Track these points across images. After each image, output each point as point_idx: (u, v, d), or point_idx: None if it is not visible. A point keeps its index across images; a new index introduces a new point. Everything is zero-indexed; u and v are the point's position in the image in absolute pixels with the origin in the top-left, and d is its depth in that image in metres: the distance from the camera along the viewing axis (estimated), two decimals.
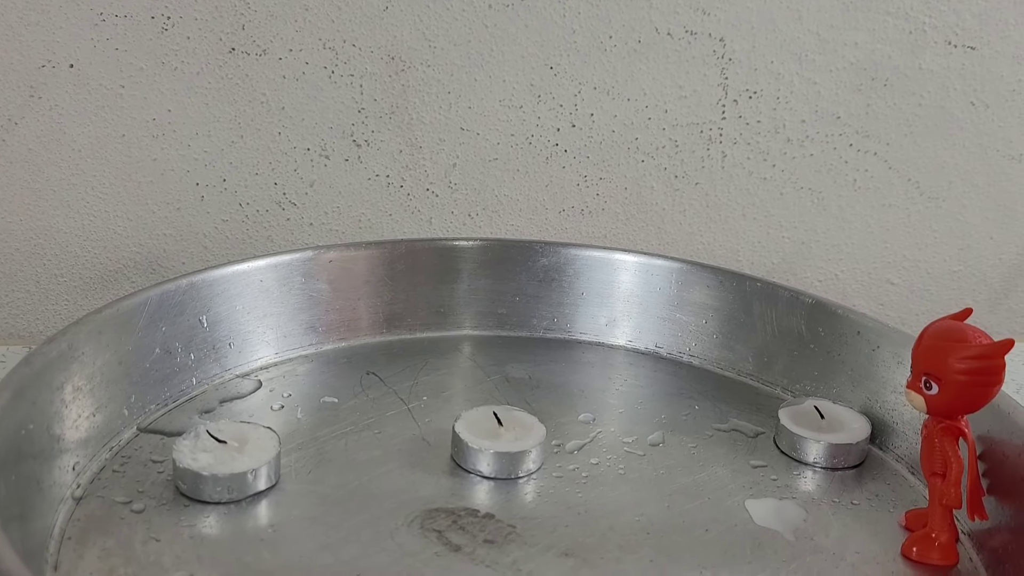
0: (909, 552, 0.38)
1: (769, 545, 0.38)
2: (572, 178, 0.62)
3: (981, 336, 0.36)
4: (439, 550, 0.36)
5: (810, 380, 0.49)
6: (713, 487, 0.41)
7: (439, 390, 0.47)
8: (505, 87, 0.59)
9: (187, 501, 0.37)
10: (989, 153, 0.66)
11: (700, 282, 0.53)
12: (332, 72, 0.57)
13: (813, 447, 0.43)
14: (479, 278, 0.54)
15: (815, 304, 0.50)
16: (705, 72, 0.61)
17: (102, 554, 0.34)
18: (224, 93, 0.56)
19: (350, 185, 0.59)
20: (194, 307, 0.45)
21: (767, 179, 0.64)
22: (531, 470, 0.41)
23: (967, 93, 0.64)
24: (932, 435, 0.37)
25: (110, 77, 0.54)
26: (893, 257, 0.68)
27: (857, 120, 0.63)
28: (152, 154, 0.56)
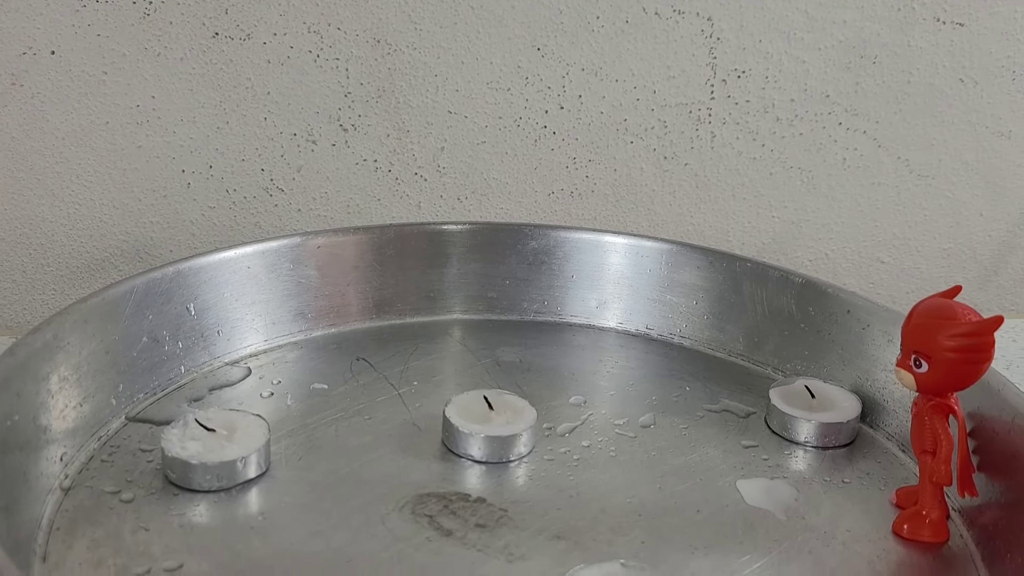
0: (900, 529, 0.38)
1: (760, 525, 0.38)
2: (561, 160, 0.62)
3: (970, 313, 0.36)
4: (430, 535, 0.36)
5: (800, 360, 0.49)
6: (704, 468, 0.41)
7: (429, 375, 0.47)
8: (492, 69, 0.59)
9: (176, 490, 0.37)
10: (978, 130, 0.66)
11: (690, 263, 0.53)
12: (317, 56, 0.56)
13: (804, 426, 0.43)
14: (468, 262, 0.53)
15: (805, 284, 0.50)
16: (693, 52, 0.61)
17: (91, 544, 0.33)
18: (208, 78, 0.55)
19: (338, 170, 0.59)
20: (181, 295, 0.45)
21: (756, 159, 0.64)
22: (522, 454, 0.41)
23: (956, 70, 0.64)
24: (922, 413, 0.37)
25: (92, 63, 0.54)
26: (883, 235, 0.68)
27: (846, 98, 0.63)
28: (137, 141, 0.56)
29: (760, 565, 0.35)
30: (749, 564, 0.35)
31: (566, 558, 0.35)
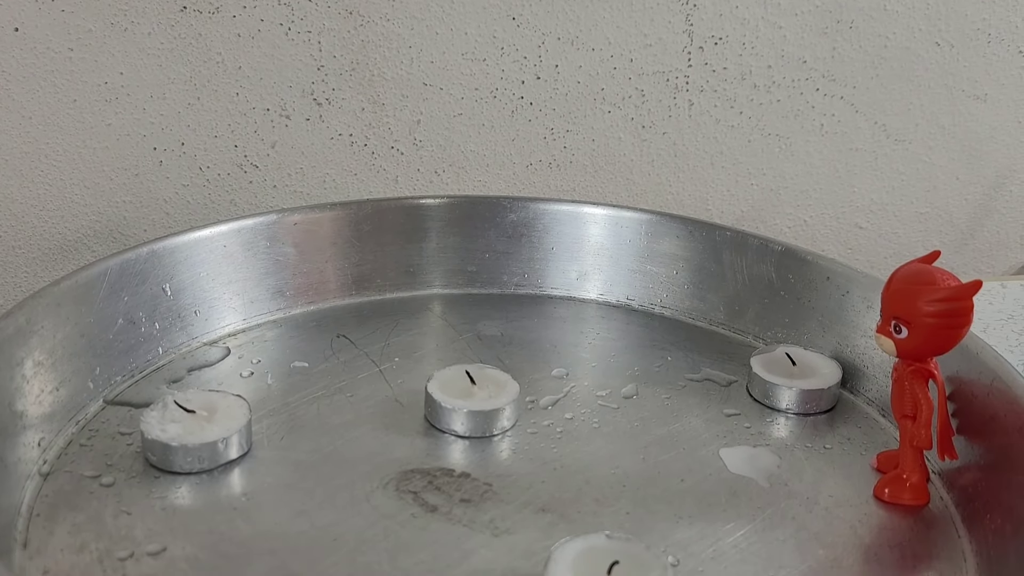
0: (881, 493, 0.38)
1: (744, 492, 0.38)
2: (538, 131, 0.61)
3: (949, 278, 0.36)
4: (415, 511, 0.36)
5: (781, 327, 0.50)
6: (687, 437, 0.41)
7: (411, 350, 0.47)
8: (467, 40, 0.58)
9: (157, 473, 0.36)
10: (955, 93, 0.66)
11: (670, 233, 0.53)
12: (289, 29, 0.55)
13: (785, 394, 0.44)
14: (447, 236, 0.53)
15: (784, 251, 0.50)
16: (670, 19, 0.60)
17: (72, 530, 0.33)
18: (177, 53, 0.54)
19: (312, 145, 0.58)
20: (156, 275, 0.44)
21: (734, 127, 0.64)
22: (505, 427, 0.41)
23: (932, 33, 0.64)
24: (902, 378, 0.37)
25: (58, 40, 0.52)
26: (861, 201, 0.68)
27: (823, 64, 0.63)
28: (106, 119, 0.55)
29: (744, 532, 0.36)
30: (733, 531, 0.36)
31: (552, 531, 0.35)
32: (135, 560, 0.32)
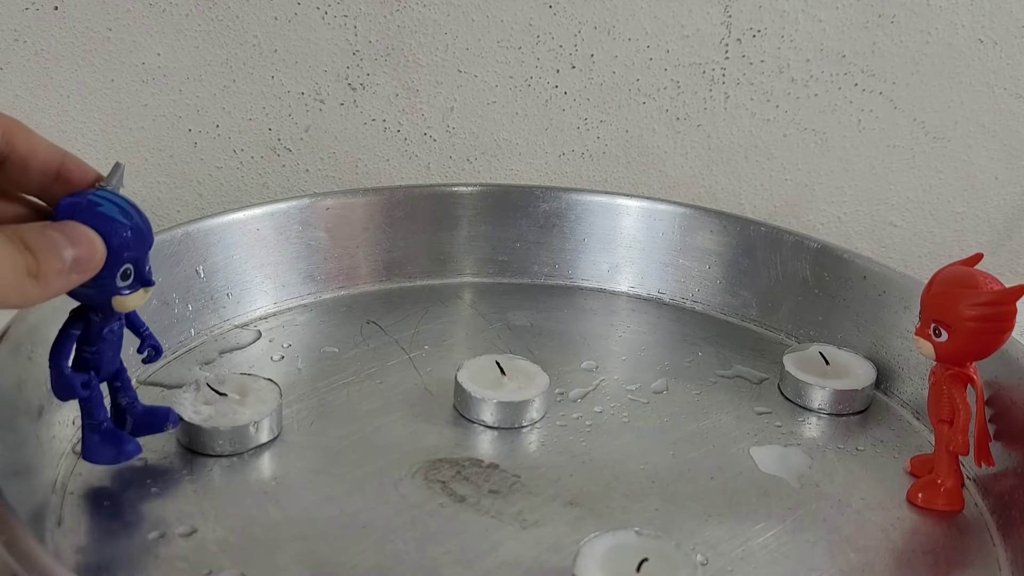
0: (915, 498, 0.38)
1: (775, 492, 0.38)
2: (572, 121, 0.61)
3: (992, 282, 0.35)
4: (444, 501, 0.36)
5: (815, 325, 0.49)
6: (718, 434, 0.41)
7: (440, 338, 0.47)
8: (503, 27, 0.58)
9: (189, 454, 0.37)
10: (996, 92, 0.65)
11: (703, 227, 0.52)
12: (325, 13, 0.55)
13: (818, 393, 0.43)
14: (479, 224, 0.53)
15: (820, 249, 0.49)
16: (708, 10, 0.59)
17: (105, 508, 0.33)
18: (215, 36, 0.54)
19: (346, 130, 0.58)
20: (190, 257, 0.44)
21: (770, 120, 0.63)
22: (535, 419, 0.41)
23: (975, 30, 0.62)
24: (940, 382, 0.37)
25: (97, 20, 0.52)
26: (896, 199, 0.67)
27: (863, 59, 0.62)
28: (143, 99, 0.55)
29: (774, 533, 0.35)
30: (763, 532, 0.35)
31: (580, 525, 0.35)
32: (166, 541, 0.32)
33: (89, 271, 0.29)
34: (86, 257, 0.28)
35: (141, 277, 0.31)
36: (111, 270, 0.30)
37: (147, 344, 0.34)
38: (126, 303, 0.31)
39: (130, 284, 0.31)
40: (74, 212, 0.29)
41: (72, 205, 0.30)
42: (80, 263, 0.28)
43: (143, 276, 0.31)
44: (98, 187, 0.31)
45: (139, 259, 0.31)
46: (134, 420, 0.35)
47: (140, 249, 0.30)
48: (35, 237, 0.27)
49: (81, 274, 0.28)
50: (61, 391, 0.32)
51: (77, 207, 0.29)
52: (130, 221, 0.30)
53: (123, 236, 0.30)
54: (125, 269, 0.30)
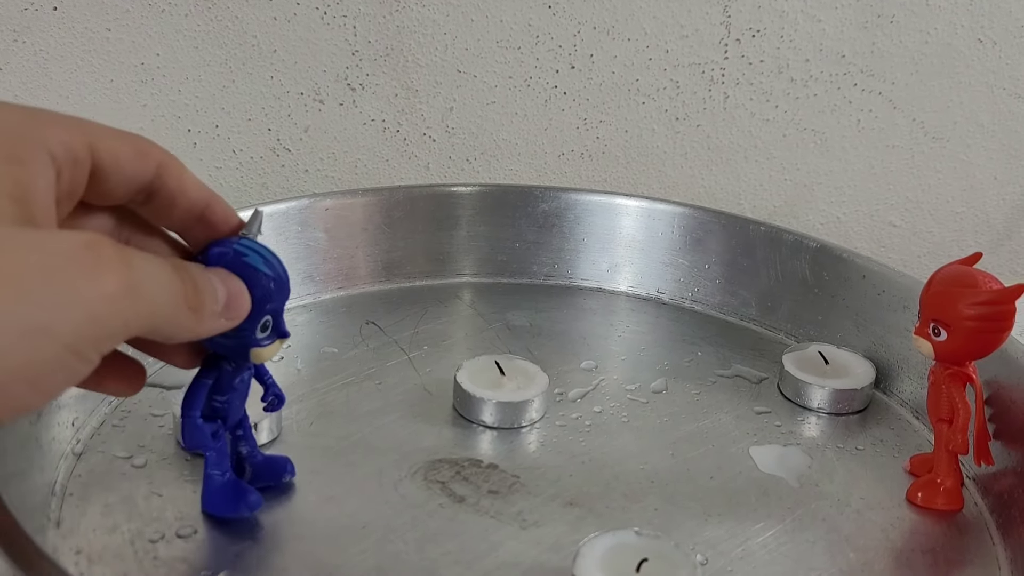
0: (914, 497, 0.38)
1: (774, 492, 0.38)
2: (572, 121, 0.61)
3: (991, 281, 0.35)
4: (443, 501, 0.36)
5: (814, 325, 0.49)
6: (717, 434, 0.41)
7: (440, 339, 0.47)
8: (503, 27, 0.58)
9: (188, 455, 0.36)
10: (996, 92, 0.65)
11: (703, 226, 0.52)
12: (324, 13, 0.55)
13: (817, 392, 0.43)
14: (478, 224, 0.53)
15: (820, 248, 0.49)
16: (707, 10, 0.59)
17: (104, 510, 0.33)
18: (214, 36, 0.54)
19: (345, 130, 0.58)
20: None
21: (769, 120, 0.63)
22: (534, 419, 0.41)
23: (975, 30, 0.62)
24: (939, 381, 0.37)
25: (96, 20, 0.52)
26: (896, 199, 0.67)
27: (862, 59, 0.62)
28: (142, 100, 0.55)
29: (774, 532, 0.35)
30: (763, 531, 0.35)
31: (580, 525, 0.35)
32: (166, 542, 0.32)
33: (236, 320, 0.29)
34: (236, 306, 0.28)
35: (278, 328, 0.31)
36: (252, 321, 0.30)
37: (271, 393, 0.34)
38: (263, 354, 0.31)
39: (268, 335, 0.31)
40: (222, 261, 0.29)
41: (220, 255, 0.30)
42: (231, 310, 0.28)
43: (280, 327, 0.31)
44: (241, 235, 0.31)
45: (278, 311, 0.31)
46: (253, 469, 0.35)
47: (280, 300, 0.31)
48: (197, 273, 0.27)
49: (230, 320, 0.28)
50: (191, 441, 0.32)
51: (224, 256, 0.30)
52: (273, 272, 0.30)
53: (267, 287, 0.30)
54: (265, 321, 0.30)
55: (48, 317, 0.22)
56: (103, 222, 0.29)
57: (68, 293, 0.22)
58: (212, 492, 0.33)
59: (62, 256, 0.22)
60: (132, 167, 0.27)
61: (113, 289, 0.23)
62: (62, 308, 0.22)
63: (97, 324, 0.23)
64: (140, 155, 0.27)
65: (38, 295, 0.22)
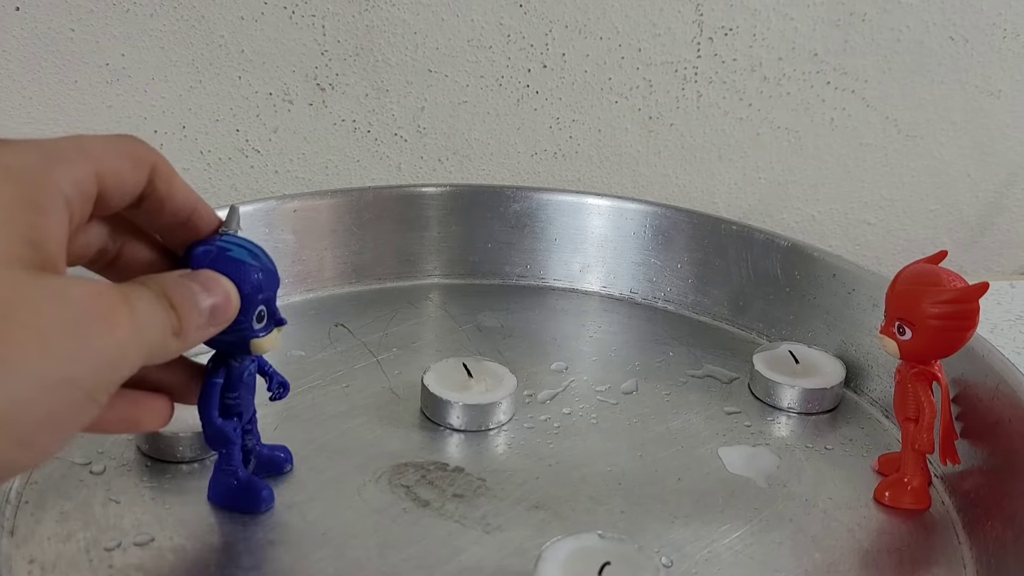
0: (882, 496, 0.37)
1: (742, 493, 0.37)
2: (544, 120, 0.60)
3: (956, 279, 0.35)
4: (407, 506, 0.35)
5: (785, 324, 0.49)
6: (686, 435, 0.41)
7: (409, 341, 0.46)
8: (473, 27, 0.57)
9: (148, 461, 0.36)
10: (967, 89, 0.65)
11: (674, 226, 0.52)
12: (293, 13, 0.55)
13: (787, 392, 0.43)
14: (449, 225, 0.52)
15: (791, 247, 0.49)
16: (680, 8, 0.59)
17: (60, 518, 0.33)
18: (180, 36, 0.54)
19: (315, 131, 0.57)
20: None
21: (743, 119, 0.63)
22: (502, 422, 0.40)
23: (946, 27, 0.63)
24: (905, 380, 0.37)
25: (59, 20, 0.52)
26: (870, 197, 0.67)
27: (835, 57, 0.62)
28: (107, 101, 0.54)
29: (740, 534, 0.35)
30: (729, 533, 0.35)
31: (545, 528, 0.35)
32: (122, 550, 0.32)
33: (224, 321, 0.29)
34: (222, 307, 0.29)
35: (274, 317, 0.31)
36: (247, 314, 0.30)
37: (276, 382, 0.34)
38: (263, 345, 0.31)
39: (265, 325, 0.31)
40: (207, 260, 0.30)
41: (204, 253, 0.30)
42: (216, 313, 0.28)
43: (275, 316, 0.31)
44: (221, 232, 0.31)
45: (270, 299, 0.31)
46: (257, 461, 0.35)
47: (271, 289, 0.31)
48: (177, 292, 0.27)
49: (217, 325, 0.29)
50: (215, 442, 0.33)
51: (209, 255, 0.30)
52: (259, 263, 0.30)
53: (256, 278, 0.30)
54: (260, 311, 0.30)
55: (71, 368, 0.23)
56: (100, 232, 0.29)
57: (87, 343, 0.23)
58: (224, 488, 0.34)
59: (79, 307, 0.23)
60: (132, 181, 0.28)
61: (124, 335, 0.24)
62: (83, 358, 0.23)
63: (112, 369, 0.24)
64: (137, 165, 0.28)
65: (61, 347, 0.23)
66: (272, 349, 0.32)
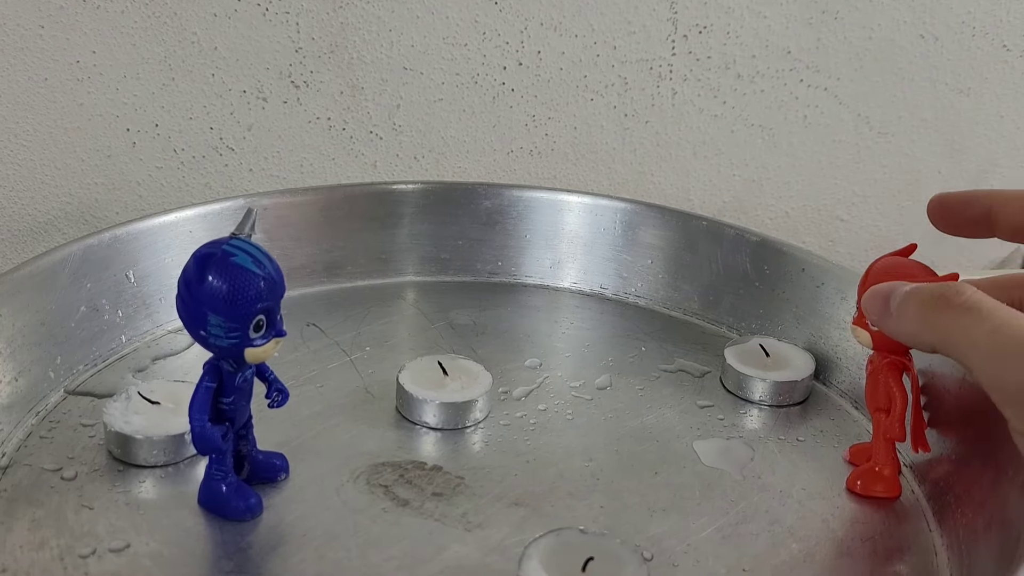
0: (854, 486, 0.38)
1: (718, 485, 0.38)
2: (520, 118, 0.60)
3: (927, 272, 0.36)
4: (386, 505, 0.35)
5: (756, 318, 0.49)
6: (661, 429, 0.41)
7: (382, 339, 0.46)
8: (448, 24, 0.57)
9: (121, 466, 0.35)
10: (938, 87, 0.65)
11: (645, 222, 0.52)
12: (266, 10, 0.54)
13: (759, 385, 0.43)
14: (421, 222, 0.52)
15: (760, 242, 0.49)
16: (654, 6, 0.59)
17: (32, 525, 0.32)
18: (152, 32, 0.53)
19: (290, 128, 0.57)
20: (120, 261, 0.43)
21: (717, 116, 0.63)
22: (478, 419, 0.40)
23: (916, 25, 0.63)
24: (877, 371, 0.37)
25: (28, 17, 0.51)
26: (843, 193, 0.67)
27: (807, 55, 0.62)
28: (78, 99, 0.53)
29: (717, 526, 0.35)
30: (707, 525, 0.35)
31: (525, 525, 0.35)
32: (97, 557, 0.31)
33: None
34: None
35: (274, 327, 0.31)
36: (244, 322, 0.30)
37: (274, 388, 0.34)
38: (258, 354, 0.31)
39: (263, 335, 0.31)
40: (209, 263, 0.29)
41: (207, 256, 0.29)
42: None
43: (276, 327, 0.31)
44: (232, 235, 0.30)
45: (271, 309, 0.31)
46: (252, 467, 0.35)
47: (272, 299, 0.30)
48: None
49: None
50: (202, 445, 0.32)
51: (212, 257, 0.29)
52: (263, 272, 0.30)
53: (257, 287, 0.30)
54: (258, 320, 0.30)
55: None
56: None
57: None
58: (215, 494, 0.33)
59: None
60: None
61: None
62: None
63: None
64: None
65: None
66: (267, 358, 0.31)
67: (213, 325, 0.30)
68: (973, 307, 0.30)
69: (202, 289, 0.30)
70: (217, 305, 0.30)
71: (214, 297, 0.30)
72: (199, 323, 0.30)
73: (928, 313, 0.31)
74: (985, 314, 0.30)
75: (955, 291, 0.31)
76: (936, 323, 0.31)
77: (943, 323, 0.31)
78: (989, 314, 0.30)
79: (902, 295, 0.33)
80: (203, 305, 0.30)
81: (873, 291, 0.34)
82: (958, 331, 0.30)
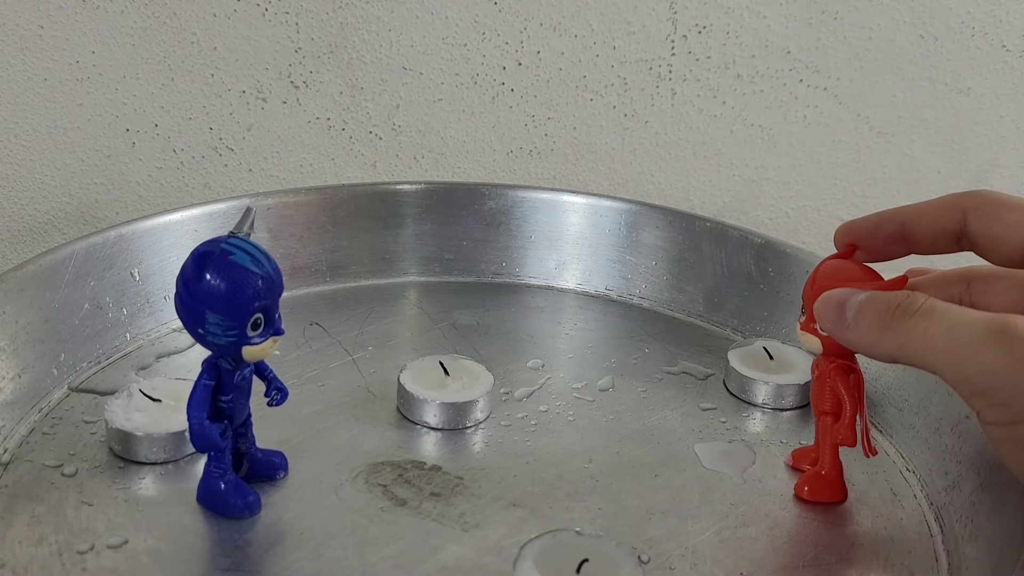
0: (801, 492, 0.37)
1: (718, 488, 0.38)
2: (519, 118, 0.60)
3: (872, 275, 0.35)
4: (384, 505, 0.35)
5: (760, 320, 0.49)
6: (663, 432, 0.41)
7: (385, 339, 0.46)
8: (448, 24, 0.57)
9: (121, 463, 0.36)
10: (938, 87, 0.65)
11: (649, 223, 0.52)
12: (266, 10, 0.54)
13: (762, 388, 0.43)
14: (424, 223, 0.52)
15: (765, 244, 0.49)
16: (654, 6, 0.59)
17: (31, 521, 0.32)
18: (151, 32, 0.53)
19: (289, 129, 0.57)
20: (124, 260, 0.43)
21: (717, 116, 0.63)
22: (479, 420, 0.40)
23: (916, 25, 0.63)
24: (824, 374, 0.36)
25: (27, 16, 0.51)
26: (843, 194, 0.67)
27: (807, 55, 0.62)
28: (77, 99, 0.53)
29: (717, 529, 0.35)
30: (706, 528, 0.35)
31: (522, 526, 0.35)
32: (95, 553, 0.31)
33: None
34: None
35: (272, 326, 0.31)
36: (241, 320, 0.30)
37: (273, 387, 0.34)
38: (256, 353, 0.31)
39: (260, 333, 0.31)
40: (207, 261, 0.29)
41: (206, 254, 0.29)
42: None
43: (273, 325, 0.31)
44: (231, 233, 0.30)
45: (269, 308, 0.31)
46: (250, 465, 0.35)
47: (271, 298, 0.30)
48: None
49: None
50: (200, 443, 0.32)
51: (210, 256, 0.29)
52: (261, 270, 0.30)
53: (255, 286, 0.30)
54: (256, 319, 0.30)
55: None
56: None
57: None
58: (213, 491, 0.33)
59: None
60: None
61: None
62: None
63: None
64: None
65: None
66: (265, 357, 0.31)
67: (211, 323, 0.30)
68: (927, 312, 0.30)
69: (200, 287, 0.30)
70: (215, 303, 0.30)
71: (212, 295, 0.30)
72: (197, 321, 0.30)
73: (885, 324, 0.31)
74: (939, 315, 0.30)
75: (910, 300, 0.31)
76: (894, 334, 0.31)
77: (901, 333, 0.31)
78: (943, 314, 0.30)
79: (857, 305, 0.32)
80: (201, 303, 0.30)
81: (825, 299, 0.34)
82: (917, 336, 0.30)
